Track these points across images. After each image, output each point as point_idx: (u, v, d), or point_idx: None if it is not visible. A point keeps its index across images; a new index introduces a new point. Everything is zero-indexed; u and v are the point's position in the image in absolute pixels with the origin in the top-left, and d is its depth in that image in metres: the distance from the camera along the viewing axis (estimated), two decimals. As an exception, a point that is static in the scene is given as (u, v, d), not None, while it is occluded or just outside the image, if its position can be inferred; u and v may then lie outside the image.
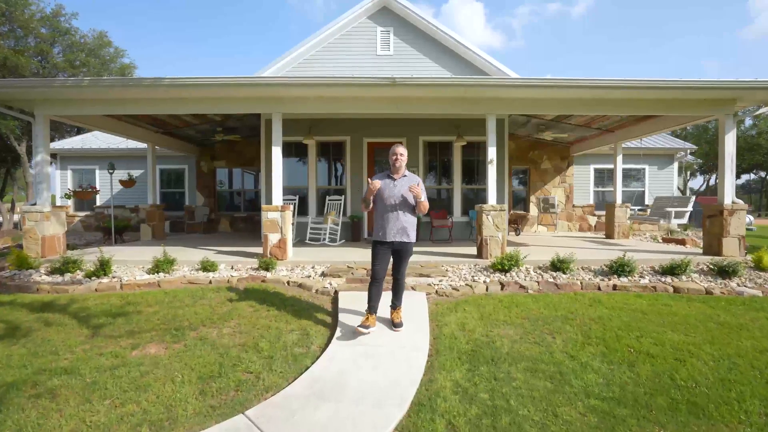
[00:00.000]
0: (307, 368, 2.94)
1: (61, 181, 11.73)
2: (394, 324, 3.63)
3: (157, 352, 3.27)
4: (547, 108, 6.14)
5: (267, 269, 5.58)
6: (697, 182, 34.99)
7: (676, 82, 5.38)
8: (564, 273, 5.43)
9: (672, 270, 5.32)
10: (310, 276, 5.38)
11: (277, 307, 4.28)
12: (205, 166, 11.50)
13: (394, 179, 3.50)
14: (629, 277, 5.28)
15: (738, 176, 33.16)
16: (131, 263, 6.04)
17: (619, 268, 5.32)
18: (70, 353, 3.23)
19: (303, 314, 4.09)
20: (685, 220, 7.09)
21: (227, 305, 4.36)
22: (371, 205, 3.54)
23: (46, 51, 15.14)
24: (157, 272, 5.42)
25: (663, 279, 5.25)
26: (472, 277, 5.33)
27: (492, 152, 6.06)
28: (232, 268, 5.85)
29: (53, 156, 11.81)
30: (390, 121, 8.68)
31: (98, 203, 11.77)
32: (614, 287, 5.02)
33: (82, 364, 3.02)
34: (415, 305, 4.22)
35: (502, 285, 5.04)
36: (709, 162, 27.10)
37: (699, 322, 3.85)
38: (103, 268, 5.28)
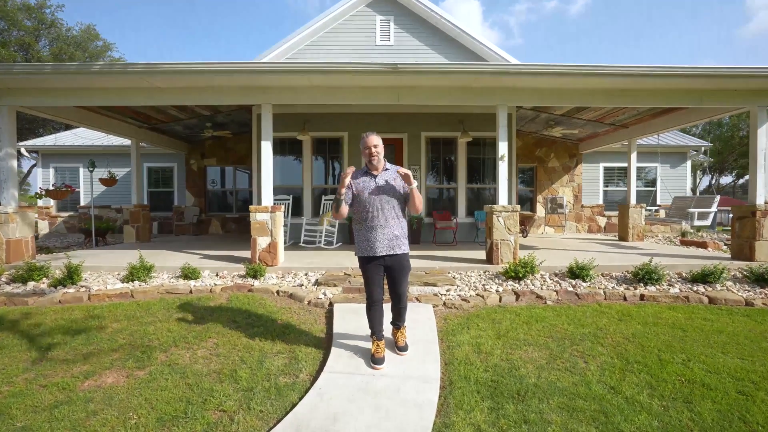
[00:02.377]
0: (294, 406, 2.40)
1: (42, 180, 11.13)
2: (398, 347, 3.07)
3: (114, 382, 2.72)
4: (564, 99, 5.61)
5: (255, 277, 5.03)
6: (703, 182, 34.46)
7: (715, 70, 4.85)
8: (584, 281, 4.91)
9: (704, 277, 4.80)
10: (302, 285, 4.84)
11: (263, 323, 3.74)
12: (195, 164, 10.92)
13: (375, 176, 2.81)
14: (657, 286, 4.76)
15: (742, 176, 32.72)
16: (106, 269, 5.48)
17: (646, 276, 4.79)
18: (8, 385, 2.67)
19: (292, 332, 3.55)
20: (708, 222, 6.58)
21: (206, 320, 3.82)
22: (346, 211, 2.79)
23: (30, 43, 14.50)
24: (132, 280, 4.87)
25: (694, 288, 4.73)
26: (483, 285, 4.80)
27: (503, 147, 5.52)
28: (216, 275, 5.29)
29: (35, 153, 11.22)
30: (390, 115, 8.15)
31: (82, 203, 11.19)
32: (642, 297, 4.50)
33: (18, 401, 2.46)
34: (422, 321, 3.69)
35: (517, 295, 4.52)
36: (723, 160, 26.31)
37: (750, 342, 3.32)
38: (71, 276, 4.71)
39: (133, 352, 3.16)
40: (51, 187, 7.50)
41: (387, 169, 2.88)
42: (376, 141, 2.79)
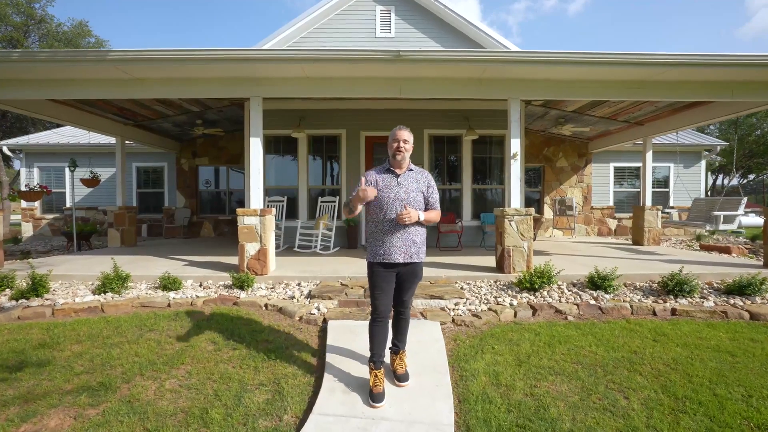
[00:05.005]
0: (273, 463, 1.92)
1: (26, 180, 10.63)
2: (396, 376, 2.62)
3: (57, 426, 2.24)
4: (580, 92, 5.13)
5: (242, 287, 4.55)
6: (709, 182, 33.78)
7: (753, 58, 4.33)
8: (606, 292, 4.42)
9: (741, 289, 4.31)
10: (294, 297, 4.35)
11: (247, 345, 3.26)
12: (186, 163, 10.43)
13: (397, 175, 2.53)
14: (689, 299, 4.27)
15: (745, 175, 32.25)
16: (79, 279, 5.00)
17: (676, 287, 4.30)
18: (-75, 432, 2.19)
19: (279, 356, 3.06)
20: (734, 226, 6.10)
21: (181, 340, 3.33)
22: (356, 211, 2.51)
23: (18, 39, 14.00)
24: (104, 292, 4.38)
25: (731, 301, 4.25)
26: (495, 298, 4.31)
27: (515, 144, 5.04)
28: (200, 285, 4.81)
29: (17, 152, 10.72)
30: (391, 111, 7.67)
31: (68, 204, 10.68)
32: (673, 312, 4.01)
33: (-72, 456, 1.97)
34: (428, 342, 3.20)
35: (534, 309, 4.03)
36: (737, 161, 25.35)
37: (815, 370, 2.84)
38: (35, 287, 4.22)
39: (89, 383, 2.68)
40: (25, 188, 7.01)
41: (411, 170, 2.58)
42: (407, 136, 2.52)
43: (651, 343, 3.31)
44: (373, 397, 2.40)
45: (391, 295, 2.54)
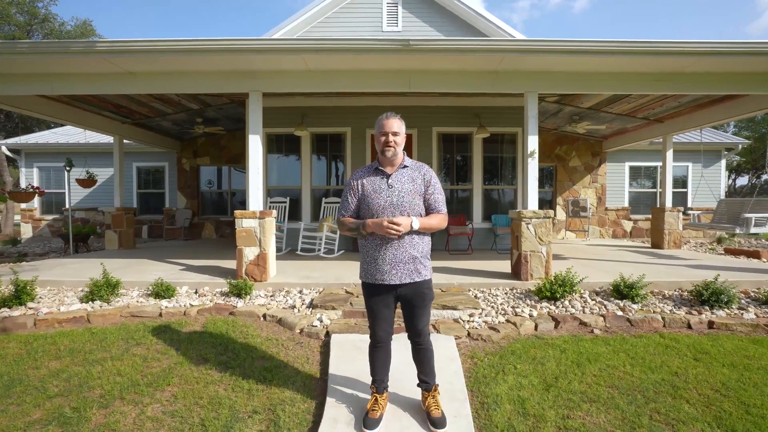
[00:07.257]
0: None
1: (26, 180, 10.44)
2: (431, 420, 2.13)
3: (18, 465, 1.93)
4: (603, 85, 4.76)
5: (239, 295, 4.24)
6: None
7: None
8: (634, 302, 4.05)
9: (784, 299, 3.92)
10: (294, 306, 4.03)
11: (241, 362, 2.94)
12: (187, 163, 10.17)
13: (388, 175, 2.05)
14: (727, 310, 3.90)
15: (758, 176, 31.53)
16: (69, 284, 4.72)
17: (712, 297, 3.93)
18: None
19: (276, 376, 2.74)
20: (767, 229, 5.68)
21: (170, 356, 3.03)
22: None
23: (21, 39, 13.86)
24: (92, 300, 4.09)
25: (773, 312, 3.86)
26: (513, 308, 3.96)
27: (533, 142, 4.68)
28: (195, 292, 4.51)
29: (17, 152, 10.54)
30: (398, 108, 7.31)
31: (68, 205, 10.47)
32: (711, 325, 3.64)
33: None
34: (443, 361, 2.86)
35: (556, 321, 3.68)
36: (756, 158, 24.41)
37: None
38: (18, 295, 3.94)
39: (62, 409, 2.37)
40: (15, 189, 6.76)
41: (405, 167, 2.09)
42: (396, 126, 2.01)
43: (692, 363, 2.94)
44: (366, 422, 2.11)
45: (390, 319, 2.16)
